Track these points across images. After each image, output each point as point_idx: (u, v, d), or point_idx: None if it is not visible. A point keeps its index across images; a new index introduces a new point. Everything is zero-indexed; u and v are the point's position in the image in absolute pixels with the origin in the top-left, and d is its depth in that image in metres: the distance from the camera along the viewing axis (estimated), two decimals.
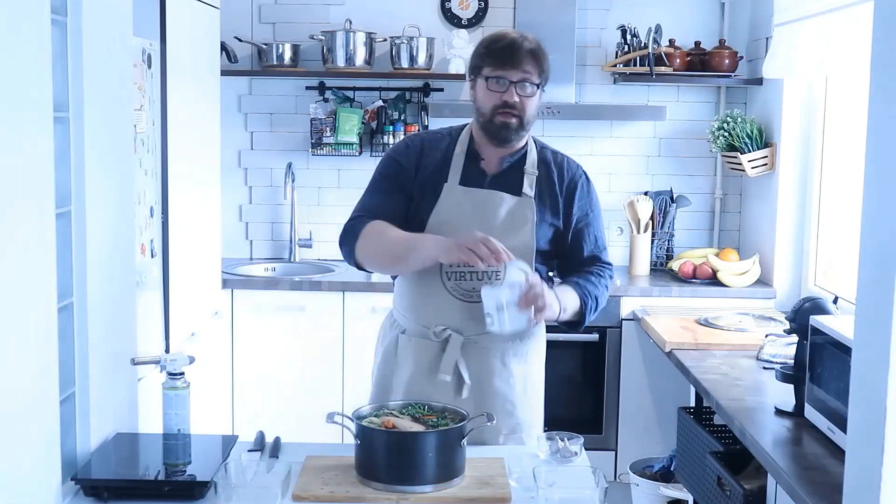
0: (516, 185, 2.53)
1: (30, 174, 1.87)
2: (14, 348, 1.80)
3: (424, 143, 2.57)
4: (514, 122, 2.45)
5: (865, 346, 1.73)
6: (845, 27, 3.37)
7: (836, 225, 3.96)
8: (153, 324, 3.14)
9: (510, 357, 2.54)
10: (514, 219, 2.49)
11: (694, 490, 3.17)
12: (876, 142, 1.70)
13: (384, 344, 2.64)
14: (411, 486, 2.04)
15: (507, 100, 2.42)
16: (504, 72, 2.42)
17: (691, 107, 4.71)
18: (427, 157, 2.54)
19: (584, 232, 2.60)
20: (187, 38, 3.50)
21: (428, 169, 2.53)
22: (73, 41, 2.12)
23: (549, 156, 2.60)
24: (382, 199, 2.54)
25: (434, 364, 2.49)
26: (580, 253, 2.60)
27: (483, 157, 2.54)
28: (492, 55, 2.45)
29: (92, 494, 2.03)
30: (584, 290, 2.52)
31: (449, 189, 2.50)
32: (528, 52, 2.43)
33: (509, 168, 2.53)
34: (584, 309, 2.51)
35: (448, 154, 2.54)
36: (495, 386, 2.52)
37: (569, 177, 2.58)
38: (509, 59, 2.42)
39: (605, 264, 2.63)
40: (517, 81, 2.42)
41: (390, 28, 4.57)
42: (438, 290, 2.49)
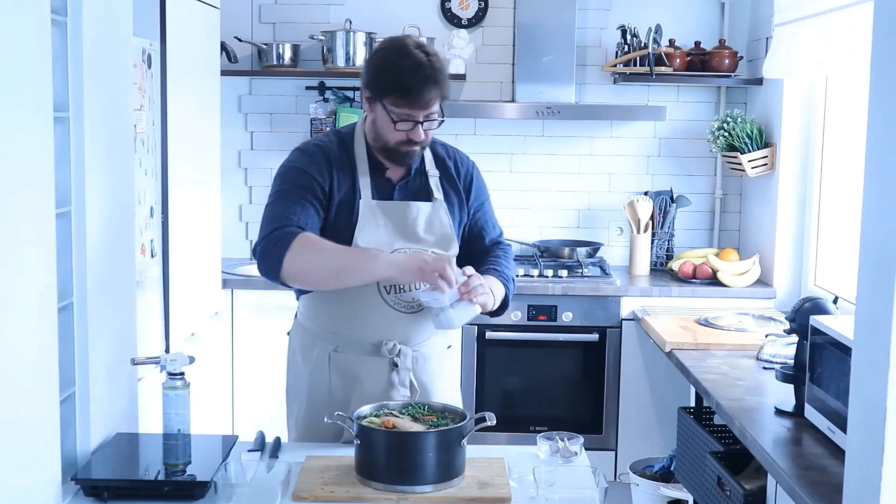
0: (424, 190, 2.50)
1: (30, 174, 1.87)
2: (14, 348, 1.80)
3: (330, 155, 2.43)
4: (417, 149, 2.42)
5: (865, 346, 1.73)
6: (845, 27, 3.37)
7: (836, 225, 3.96)
8: (153, 324, 3.14)
9: (443, 357, 2.57)
10: (433, 226, 2.47)
11: (694, 490, 3.17)
12: (876, 142, 1.70)
13: (310, 362, 2.51)
14: (411, 486, 2.04)
15: (415, 139, 2.37)
16: (411, 111, 2.33)
17: (691, 107, 4.71)
18: (337, 170, 2.43)
19: (482, 221, 2.61)
20: (187, 38, 3.50)
21: (339, 183, 2.42)
22: (73, 41, 2.12)
23: (442, 151, 2.57)
24: (301, 210, 2.35)
25: (386, 379, 2.45)
26: (482, 241, 2.61)
27: (387, 167, 2.47)
28: (397, 90, 2.31)
29: (92, 494, 2.03)
30: (503, 275, 2.53)
31: (365, 205, 2.42)
32: (435, 85, 2.31)
33: (413, 175, 2.50)
34: (507, 293, 2.53)
35: (351, 164, 2.45)
36: (437, 390, 2.53)
37: (464, 169, 2.58)
38: (418, 99, 2.31)
39: (505, 245, 2.66)
40: (423, 121, 2.36)
41: (390, 28, 4.56)
42: (377, 305, 2.42)
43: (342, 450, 2.26)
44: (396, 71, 2.32)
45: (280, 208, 2.36)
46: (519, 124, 4.66)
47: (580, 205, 4.77)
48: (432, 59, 2.34)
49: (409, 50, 2.34)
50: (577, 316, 4.20)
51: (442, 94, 2.35)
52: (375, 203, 2.44)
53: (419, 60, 2.31)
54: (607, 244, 4.75)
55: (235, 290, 4.24)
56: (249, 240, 4.81)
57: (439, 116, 2.39)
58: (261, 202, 4.75)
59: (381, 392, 2.45)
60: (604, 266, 4.48)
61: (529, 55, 4.50)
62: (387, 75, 2.34)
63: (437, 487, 2.05)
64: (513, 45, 4.60)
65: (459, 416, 2.18)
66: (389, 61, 2.35)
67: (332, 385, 2.48)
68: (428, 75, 2.31)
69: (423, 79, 2.31)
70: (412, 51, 2.33)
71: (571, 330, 4.21)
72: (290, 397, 2.63)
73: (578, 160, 4.75)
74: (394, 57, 2.35)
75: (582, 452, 2.29)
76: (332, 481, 2.09)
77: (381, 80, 2.35)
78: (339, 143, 2.48)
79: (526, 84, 4.51)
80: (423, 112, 2.34)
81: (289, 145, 4.70)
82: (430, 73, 2.31)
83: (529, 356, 4.24)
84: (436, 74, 2.32)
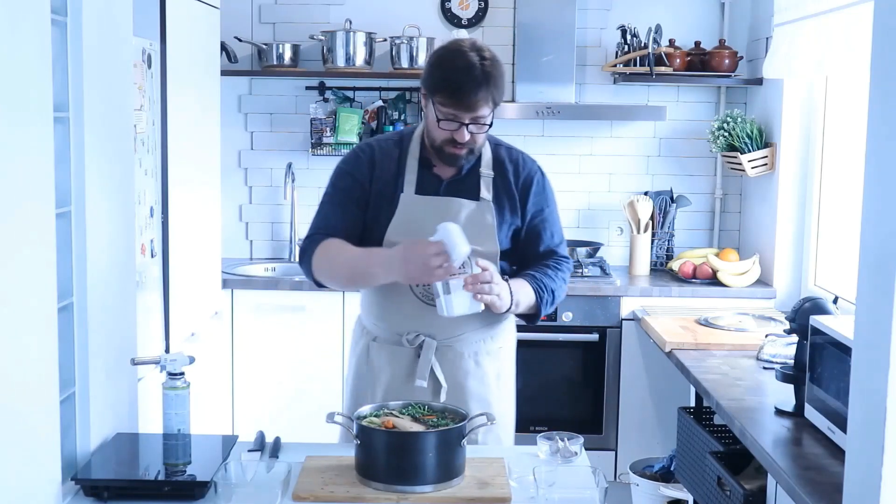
0: (473, 188, 2.50)
1: (30, 174, 1.87)
2: (14, 348, 1.80)
3: (376, 153, 2.52)
4: (463, 153, 2.42)
5: (865, 346, 1.73)
6: (845, 27, 3.37)
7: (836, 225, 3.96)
8: (153, 324, 3.14)
9: (483, 356, 2.56)
10: (475, 224, 2.47)
11: (694, 490, 3.17)
12: (876, 142, 1.70)
13: (356, 352, 2.64)
14: (411, 486, 2.04)
15: (459, 139, 2.38)
16: (457, 111, 2.35)
17: (691, 107, 4.71)
18: (380, 167, 2.50)
19: (539, 228, 2.57)
20: (187, 38, 3.50)
21: (382, 179, 2.49)
22: (73, 41, 2.12)
23: (504, 153, 2.56)
24: (338, 213, 2.50)
25: (409, 370, 2.50)
26: (536, 248, 2.58)
27: (436, 164, 2.50)
28: (446, 89, 2.34)
29: (92, 494, 2.03)
30: (540, 282, 2.50)
31: (406, 199, 2.47)
32: (484, 88, 2.32)
33: (465, 172, 2.51)
34: (539, 302, 2.50)
35: (401, 163, 2.50)
36: (470, 386, 2.53)
37: (524, 174, 2.55)
38: (464, 100, 2.33)
39: (562, 258, 2.61)
40: (469, 123, 2.37)
41: (390, 28, 4.57)
42: (407, 297, 2.48)
43: (342, 450, 2.26)
44: (448, 70, 2.35)
45: (320, 213, 2.56)
46: (519, 124, 4.66)
47: (580, 205, 4.77)
48: (486, 63, 2.34)
49: (464, 51, 2.36)
50: (577, 316, 4.20)
51: (492, 98, 2.35)
52: (417, 198, 2.47)
53: (471, 62, 2.33)
54: (607, 244, 4.75)
55: (235, 290, 4.24)
56: (249, 240, 4.82)
57: (487, 121, 2.38)
58: (261, 202, 4.79)
59: (402, 384, 2.47)
60: (604, 266, 4.48)
61: (529, 55, 4.50)
62: (438, 72, 2.38)
63: (437, 487, 2.05)
64: (513, 45, 4.60)
65: (459, 416, 2.18)
66: (444, 60, 2.38)
67: (367, 376, 2.56)
68: (477, 77, 2.32)
69: (472, 80, 2.32)
70: (467, 52, 2.36)
71: (571, 330, 4.21)
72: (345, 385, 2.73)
73: (578, 160, 4.75)
74: (448, 56, 2.38)
75: (582, 452, 2.29)
76: (332, 481, 2.09)
77: (433, 78, 2.39)
78: (398, 139, 2.55)
79: (526, 84, 4.51)
80: (469, 114, 2.35)
81: (289, 145, 4.76)
82: (481, 76, 2.32)
83: (529, 356, 4.22)
84: (486, 78, 2.33)
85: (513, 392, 2.68)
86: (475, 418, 2.17)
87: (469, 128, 2.37)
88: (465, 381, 2.53)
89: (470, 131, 2.37)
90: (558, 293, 2.56)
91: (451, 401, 2.46)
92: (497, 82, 2.36)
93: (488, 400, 2.55)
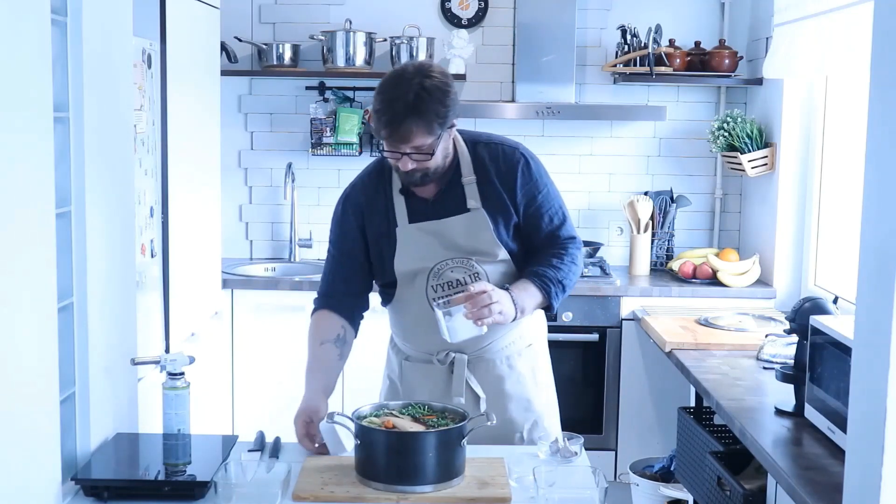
0: (459, 200, 2.47)
1: (30, 174, 1.87)
2: (14, 348, 1.80)
3: (360, 197, 2.51)
4: (419, 176, 2.37)
5: (865, 346, 1.73)
6: (845, 27, 3.37)
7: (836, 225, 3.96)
8: (153, 324, 3.14)
9: (515, 358, 2.55)
10: (472, 234, 2.46)
11: (694, 490, 3.17)
12: (876, 142, 1.70)
13: (389, 370, 2.67)
14: (411, 486, 2.04)
15: (402, 168, 2.33)
16: (394, 145, 2.30)
17: (691, 107, 4.71)
18: (368, 209, 2.49)
19: (536, 215, 2.50)
20: (187, 38, 3.50)
21: (374, 220, 2.49)
22: (73, 41, 2.12)
23: (483, 152, 2.48)
24: (340, 269, 2.55)
25: (445, 387, 2.51)
26: (538, 235, 2.51)
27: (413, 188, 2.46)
28: (378, 120, 2.29)
29: (92, 494, 2.03)
30: (543, 278, 2.44)
31: (402, 231, 2.47)
32: (414, 119, 2.24)
33: (447, 187, 2.47)
34: (548, 297, 2.45)
35: (388, 197, 2.49)
36: (508, 390, 2.53)
37: (505, 168, 2.47)
38: (395, 132, 2.27)
39: (566, 240, 2.52)
40: (409, 153, 2.31)
41: (390, 28, 4.57)
42: (429, 316, 2.42)
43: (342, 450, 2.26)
44: (381, 101, 2.29)
45: (326, 271, 2.60)
46: (519, 124, 4.66)
47: (580, 205, 4.76)
48: (423, 91, 2.25)
49: (404, 79, 2.28)
50: (577, 316, 4.20)
51: (427, 128, 2.26)
52: (413, 228, 2.46)
53: (401, 92, 2.25)
54: (607, 244, 4.75)
55: (235, 290, 4.24)
56: (249, 240, 4.82)
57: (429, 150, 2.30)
58: (261, 202, 4.79)
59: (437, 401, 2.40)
60: (604, 266, 4.47)
61: (529, 55, 4.50)
62: (376, 102, 2.31)
63: (437, 487, 2.05)
64: (513, 45, 4.60)
65: (459, 416, 2.18)
66: (381, 89, 2.31)
67: (402, 395, 2.56)
68: (406, 107, 2.24)
69: (402, 111, 2.25)
70: (406, 80, 2.27)
71: (571, 330, 4.21)
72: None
73: (578, 160, 4.75)
74: (385, 85, 2.31)
75: (582, 452, 2.29)
76: (332, 481, 2.09)
77: (373, 106, 2.33)
78: (378, 172, 2.52)
79: (526, 84, 4.51)
80: (405, 145, 2.29)
81: (289, 145, 4.76)
82: (409, 107, 2.24)
83: None
84: (416, 109, 2.24)
85: (552, 384, 2.65)
86: (476, 418, 2.16)
87: (412, 157, 2.31)
88: (502, 385, 2.53)
89: (414, 159, 2.31)
90: (568, 280, 2.48)
91: (491, 407, 2.47)
92: (428, 110, 2.25)
93: (527, 398, 2.54)
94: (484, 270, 2.45)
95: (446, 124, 2.31)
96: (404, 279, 2.49)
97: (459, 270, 2.46)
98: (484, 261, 2.46)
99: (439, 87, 2.28)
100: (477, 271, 2.45)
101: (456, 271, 2.46)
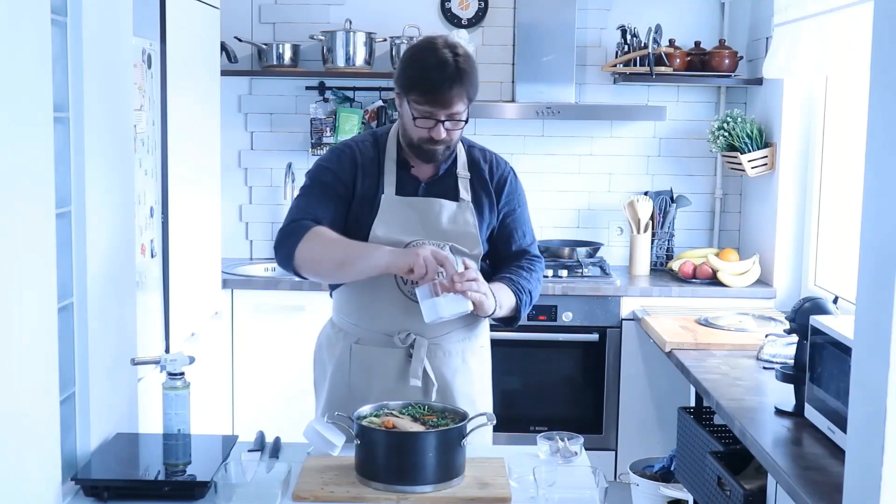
0: (451, 189, 2.52)
1: (30, 174, 1.87)
2: (14, 348, 1.80)
3: (357, 154, 2.50)
4: (441, 148, 2.43)
5: (865, 346, 1.73)
6: (845, 27, 3.37)
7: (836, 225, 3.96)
8: (153, 324, 3.14)
9: (469, 354, 2.57)
10: (457, 225, 2.49)
11: (694, 490, 3.17)
12: (876, 142, 1.70)
13: (334, 356, 2.58)
14: (411, 486, 2.04)
15: (435, 137, 2.38)
16: (432, 109, 2.35)
17: (691, 107, 4.71)
18: (362, 168, 2.49)
19: (511, 227, 2.59)
20: (187, 38, 3.50)
21: (364, 181, 2.48)
22: (73, 41, 2.12)
23: (478, 154, 2.58)
24: (321, 205, 2.46)
25: (401, 370, 2.49)
26: (508, 248, 2.60)
27: (413, 165, 2.51)
28: (421, 86, 2.35)
29: (92, 494, 2.03)
30: (518, 285, 2.51)
31: (387, 199, 2.47)
32: (458, 85, 2.33)
33: (442, 173, 2.52)
34: (518, 304, 2.51)
35: (380, 164, 2.50)
36: (458, 385, 2.54)
37: (499, 173, 2.58)
38: (439, 97, 2.33)
39: (534, 257, 2.63)
40: (445, 119, 2.37)
41: (390, 28, 4.57)
42: (395, 296, 2.47)
43: (342, 450, 2.26)
44: (421, 68, 2.36)
45: (301, 203, 2.49)
46: (519, 124, 4.66)
47: (580, 205, 4.77)
48: (459, 59, 2.35)
49: (437, 48, 2.36)
50: (577, 316, 4.20)
51: (467, 94, 2.36)
52: (398, 199, 2.47)
53: (444, 59, 2.33)
54: (607, 244, 4.75)
55: (235, 290, 4.24)
56: (249, 240, 4.82)
57: (463, 117, 2.40)
58: (261, 202, 4.79)
59: (394, 384, 2.46)
60: (604, 266, 4.48)
61: (529, 55, 4.50)
62: (411, 71, 2.38)
63: (437, 487, 2.05)
64: (513, 45, 4.60)
65: (459, 416, 2.18)
66: (416, 58, 2.39)
67: (351, 379, 2.53)
68: (451, 74, 2.33)
69: (446, 77, 2.33)
70: (439, 49, 2.36)
71: (571, 330, 4.21)
72: (316, 393, 2.69)
73: (578, 160, 4.75)
74: (421, 54, 2.38)
75: (582, 452, 2.29)
76: (332, 481, 2.09)
77: (406, 76, 2.39)
78: (373, 141, 2.54)
79: (526, 84, 4.51)
80: (444, 111, 2.36)
81: (289, 145, 4.76)
82: (454, 73, 2.33)
83: (529, 356, 4.24)
84: (460, 74, 2.33)
85: (491, 391, 2.69)
86: (475, 418, 2.17)
87: (445, 125, 2.38)
88: (454, 379, 2.54)
89: (446, 128, 2.38)
90: (534, 294, 2.57)
91: (441, 400, 2.47)
92: (471, 78, 2.36)
93: (473, 398, 2.56)
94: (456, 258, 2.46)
95: (476, 95, 2.41)
96: None
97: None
98: (459, 251, 2.48)
99: (472, 60, 2.40)
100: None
101: None
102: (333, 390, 2.57)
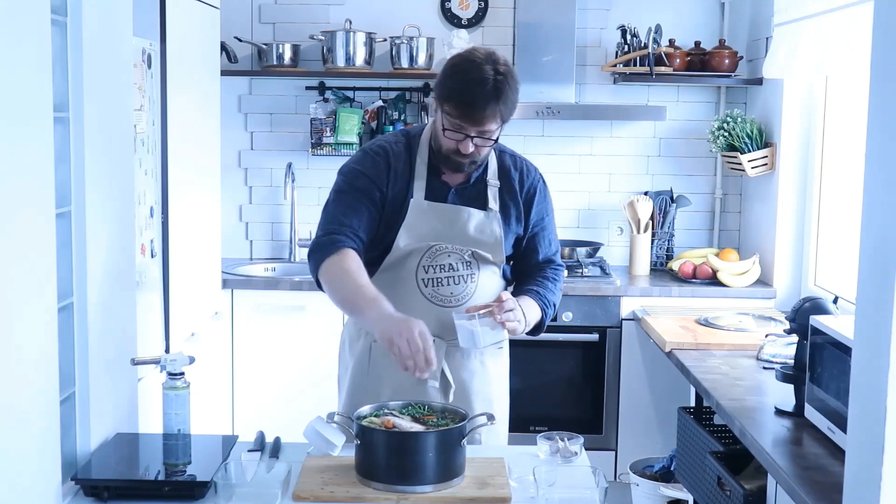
0: (480, 197, 2.52)
1: (30, 174, 1.87)
2: (14, 348, 1.80)
3: (391, 157, 2.48)
4: (466, 162, 2.43)
5: (865, 346, 1.73)
6: (845, 27, 3.37)
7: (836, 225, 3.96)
8: (153, 324, 3.14)
9: (487, 357, 2.58)
10: (483, 234, 2.51)
11: (694, 490, 3.17)
12: (876, 142, 1.70)
13: (354, 353, 2.60)
14: (411, 486, 2.04)
15: (463, 151, 2.38)
16: (464, 123, 2.34)
17: (691, 107, 4.71)
18: (395, 171, 2.48)
19: (539, 236, 2.62)
20: (187, 38, 3.50)
21: (396, 184, 2.48)
22: (73, 41, 2.12)
23: (509, 161, 2.58)
24: (355, 213, 2.44)
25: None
26: (535, 256, 2.63)
27: (444, 171, 2.50)
28: (456, 99, 2.33)
29: (92, 494, 2.03)
30: (544, 299, 2.56)
31: (415, 204, 2.47)
32: (493, 104, 2.31)
33: (472, 182, 2.53)
34: (543, 317, 2.56)
35: (410, 166, 2.49)
36: (475, 386, 2.55)
37: (529, 182, 2.58)
38: (472, 113, 2.32)
39: (558, 266, 2.67)
40: (475, 136, 2.36)
41: (390, 28, 4.57)
42: (415, 297, 2.48)
43: (342, 450, 2.26)
44: (460, 80, 2.34)
45: (337, 210, 2.45)
46: (519, 124, 4.66)
47: (580, 205, 4.77)
48: (499, 78, 2.32)
49: (479, 63, 2.34)
50: (577, 316, 4.20)
51: (501, 115, 2.34)
52: (427, 204, 2.48)
53: (485, 75, 2.31)
54: (607, 244, 4.75)
55: (235, 290, 4.24)
56: (249, 240, 4.82)
57: (494, 136, 2.38)
58: (261, 202, 4.79)
59: (412, 385, 2.45)
60: (604, 266, 4.48)
61: (529, 55, 4.50)
62: (450, 82, 2.36)
63: (437, 487, 2.05)
64: (513, 45, 4.60)
65: (459, 416, 2.18)
66: (458, 69, 2.37)
67: (370, 377, 2.54)
68: (488, 92, 2.30)
69: (482, 94, 2.31)
70: (482, 64, 2.33)
71: (571, 330, 4.21)
72: (339, 390, 2.70)
73: (578, 160, 4.75)
74: (463, 66, 2.36)
75: (582, 452, 2.29)
76: (332, 481, 2.09)
77: (444, 86, 2.37)
78: (406, 143, 2.52)
79: (526, 84, 4.42)
80: (475, 128, 2.35)
81: (289, 145, 4.76)
82: (491, 91, 2.30)
83: (529, 356, 4.23)
84: (497, 94, 2.31)
85: (508, 393, 2.71)
86: (476, 418, 2.17)
87: (474, 140, 2.37)
88: (471, 380, 2.55)
89: (475, 144, 2.37)
90: (557, 304, 2.63)
91: (457, 400, 2.48)
92: (508, 98, 2.33)
93: (490, 399, 2.57)
94: (477, 263, 2.50)
95: (511, 115, 2.39)
96: (399, 254, 2.48)
97: (455, 256, 2.49)
98: (482, 258, 2.50)
99: (513, 78, 2.36)
100: (469, 261, 2.49)
101: (452, 256, 2.48)
102: (353, 388, 2.59)
